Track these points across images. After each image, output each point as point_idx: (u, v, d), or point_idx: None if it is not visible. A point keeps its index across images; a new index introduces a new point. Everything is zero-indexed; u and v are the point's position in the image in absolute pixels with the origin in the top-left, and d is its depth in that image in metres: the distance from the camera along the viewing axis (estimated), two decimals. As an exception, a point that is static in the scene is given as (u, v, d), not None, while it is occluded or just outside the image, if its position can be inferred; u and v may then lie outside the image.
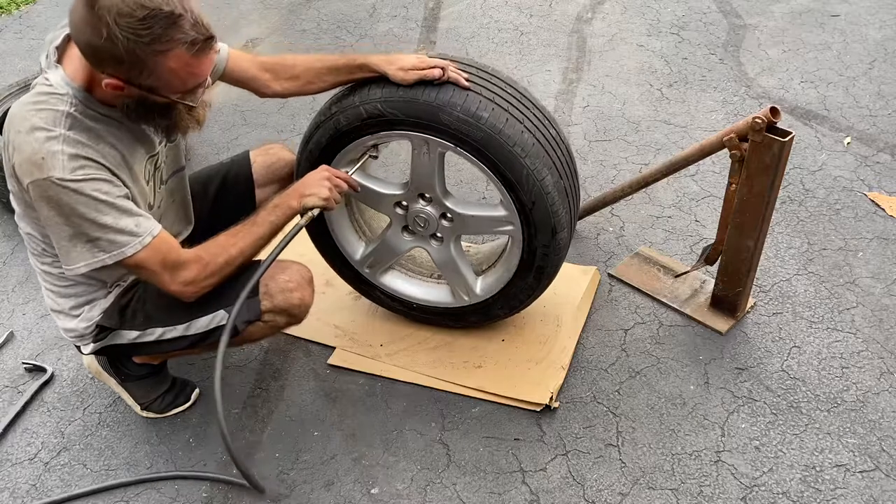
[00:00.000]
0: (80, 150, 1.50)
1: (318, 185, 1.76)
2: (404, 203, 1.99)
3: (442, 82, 1.74)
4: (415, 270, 2.24)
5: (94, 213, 1.51)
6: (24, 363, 2.25)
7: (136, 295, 1.82)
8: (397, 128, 1.80)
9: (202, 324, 1.77)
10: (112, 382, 2.03)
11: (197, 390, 2.10)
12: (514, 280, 2.00)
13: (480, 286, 2.09)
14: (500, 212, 1.89)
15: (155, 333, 1.80)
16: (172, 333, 1.80)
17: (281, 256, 1.75)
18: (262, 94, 1.93)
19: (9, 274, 2.61)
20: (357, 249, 2.15)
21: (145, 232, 1.57)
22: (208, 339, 1.79)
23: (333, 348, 2.21)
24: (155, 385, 2.05)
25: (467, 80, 1.76)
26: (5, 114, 1.63)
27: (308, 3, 4.41)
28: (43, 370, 2.22)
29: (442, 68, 1.73)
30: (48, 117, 1.49)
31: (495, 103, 1.76)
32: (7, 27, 4.38)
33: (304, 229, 1.78)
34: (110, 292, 1.81)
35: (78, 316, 1.80)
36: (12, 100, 2.96)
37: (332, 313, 2.32)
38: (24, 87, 3.00)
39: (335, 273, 2.24)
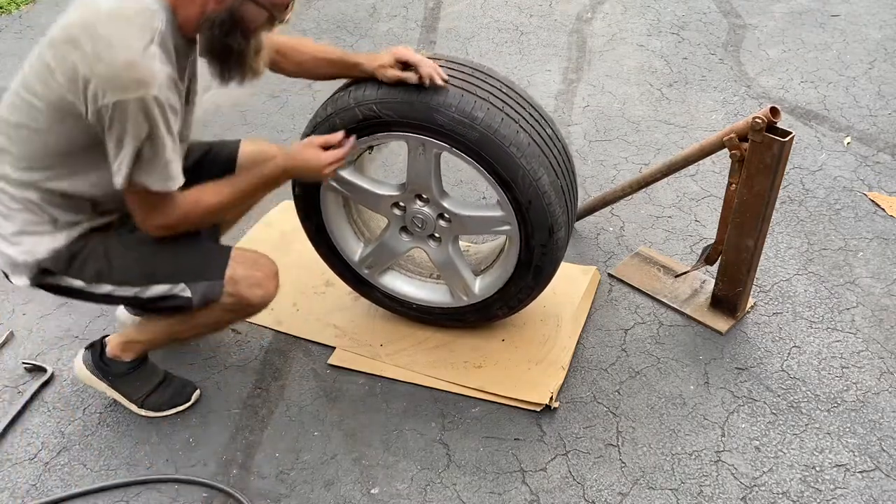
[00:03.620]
0: (170, 73, 1.49)
1: (315, 162, 1.77)
2: (402, 204, 1.99)
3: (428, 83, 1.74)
4: (414, 271, 2.24)
5: (166, 139, 1.51)
6: (24, 363, 2.24)
7: (92, 246, 1.75)
8: (393, 129, 1.81)
9: (158, 290, 1.75)
10: (103, 387, 2.03)
11: (198, 391, 2.10)
12: (513, 280, 2.00)
13: (479, 286, 2.09)
14: (497, 212, 1.89)
15: (104, 289, 1.75)
16: (123, 293, 1.76)
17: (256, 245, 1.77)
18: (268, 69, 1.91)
19: (9, 274, 2.61)
20: (356, 250, 2.15)
21: (178, 175, 1.59)
22: (158, 304, 1.77)
23: (333, 348, 2.21)
24: (143, 379, 2.03)
25: (463, 79, 1.76)
26: None
27: (308, 3, 4.41)
28: (43, 370, 2.21)
29: (421, 75, 1.74)
30: (144, 33, 1.45)
31: (490, 103, 1.76)
32: (7, 27, 4.38)
33: (303, 232, 1.79)
34: (58, 232, 1.71)
35: (17, 245, 1.70)
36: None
37: (332, 313, 2.32)
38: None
39: (335, 274, 2.24)
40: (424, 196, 1.96)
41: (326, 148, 1.79)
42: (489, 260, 2.15)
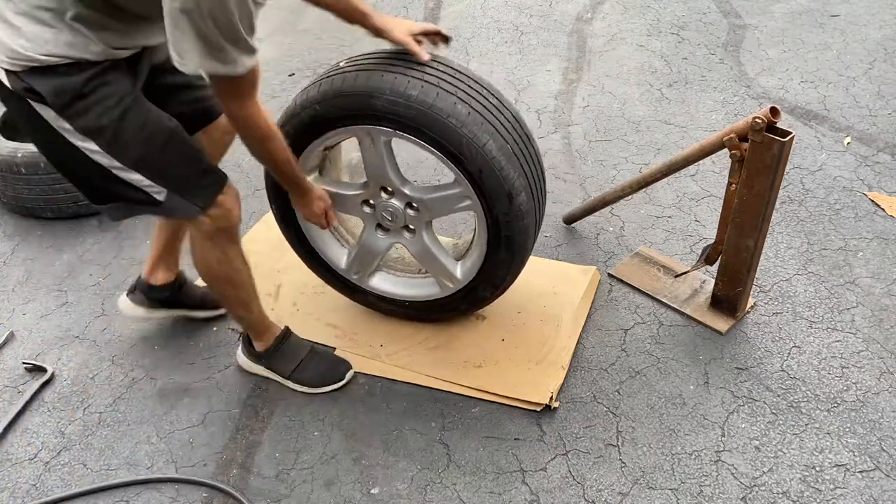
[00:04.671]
0: None
1: (316, 217, 1.95)
2: (371, 201, 2.04)
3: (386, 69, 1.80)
4: (402, 269, 2.26)
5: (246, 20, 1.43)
6: (24, 363, 2.25)
7: (109, 103, 1.60)
8: (338, 125, 1.85)
9: (136, 179, 1.69)
10: (260, 370, 2.13)
11: (352, 371, 2.12)
12: (489, 257, 1.99)
13: (461, 271, 2.09)
14: (455, 188, 1.90)
15: (89, 146, 1.63)
16: (102, 160, 1.65)
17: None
18: None
19: (9, 274, 2.61)
20: (341, 258, 2.19)
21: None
22: (123, 191, 1.71)
23: (333, 348, 2.21)
24: (289, 354, 2.10)
25: (396, 65, 1.82)
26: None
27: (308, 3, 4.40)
28: (43, 370, 2.21)
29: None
30: None
31: (424, 81, 1.78)
32: (7, 27, 4.37)
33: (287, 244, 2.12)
34: (65, 32, 1.52)
35: (23, 34, 1.51)
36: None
37: (332, 313, 2.32)
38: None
39: (325, 283, 2.27)
40: (389, 188, 1.99)
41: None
42: (467, 245, 2.16)
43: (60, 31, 1.51)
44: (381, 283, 2.22)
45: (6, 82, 1.57)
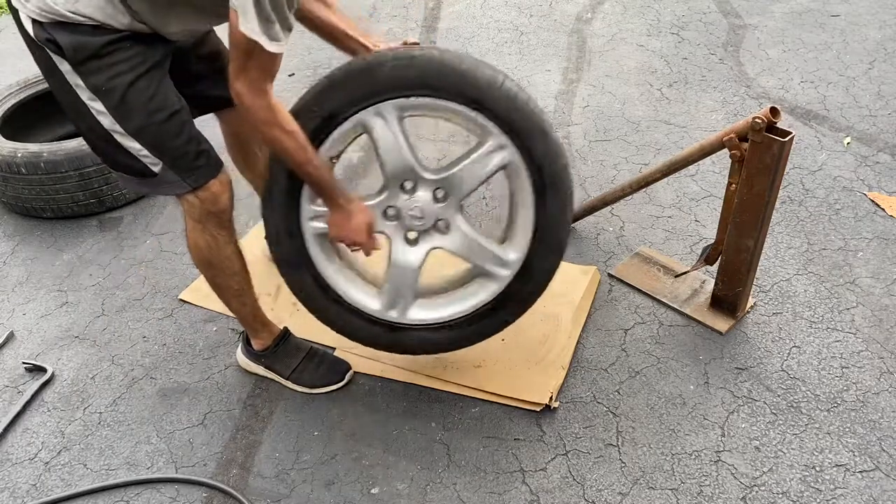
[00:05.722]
0: None
1: (356, 234, 1.81)
2: (391, 209, 1.86)
3: None
4: (446, 290, 2.01)
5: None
6: (24, 363, 2.25)
7: (122, 68, 1.64)
8: (340, 118, 1.74)
9: (135, 147, 1.71)
10: (260, 370, 2.14)
11: (351, 371, 2.12)
12: (539, 213, 1.79)
13: (510, 250, 1.87)
14: (485, 145, 1.76)
15: (96, 106, 1.66)
16: (106, 121, 1.67)
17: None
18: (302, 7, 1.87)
19: (9, 274, 2.61)
20: (373, 298, 1.95)
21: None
22: (119, 157, 1.73)
23: (333, 349, 2.21)
24: (288, 354, 2.11)
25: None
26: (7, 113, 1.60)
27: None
28: (43, 370, 2.22)
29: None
30: None
31: (421, 48, 1.74)
32: (7, 27, 4.38)
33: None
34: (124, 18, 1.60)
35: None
36: (12, 100, 2.97)
37: (332, 313, 2.32)
38: (25, 87, 3.00)
39: (354, 341, 2.05)
40: (407, 183, 1.82)
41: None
42: (502, 228, 1.94)
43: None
44: (424, 311, 1.95)
45: (30, 31, 1.61)
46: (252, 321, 2.07)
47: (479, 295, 1.93)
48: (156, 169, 1.74)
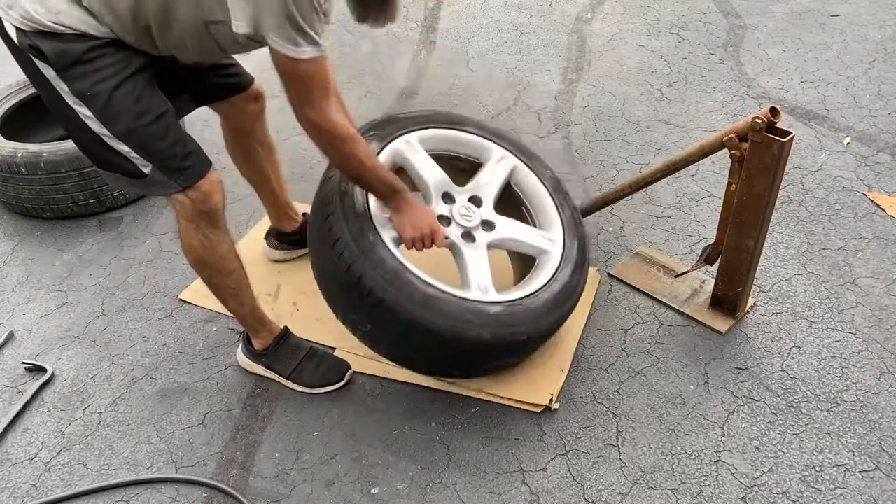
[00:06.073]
0: None
1: (422, 231, 1.89)
2: (442, 218, 2.03)
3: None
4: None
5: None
6: (24, 363, 2.25)
7: (107, 73, 1.65)
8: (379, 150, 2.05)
9: (124, 149, 1.72)
10: (260, 369, 2.13)
11: (351, 371, 2.11)
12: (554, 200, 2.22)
13: (551, 233, 2.14)
14: (494, 156, 2.22)
15: (83, 110, 1.68)
16: (94, 125, 1.70)
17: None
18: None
19: (9, 274, 2.61)
20: (464, 289, 1.96)
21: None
22: (110, 158, 1.75)
23: (333, 348, 2.21)
24: (288, 355, 2.11)
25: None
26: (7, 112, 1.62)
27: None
28: (43, 370, 2.22)
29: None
30: None
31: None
32: (7, 27, 4.37)
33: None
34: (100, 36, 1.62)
35: (41, 0, 1.58)
36: (12, 100, 2.97)
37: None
38: (25, 87, 3.00)
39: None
40: (447, 195, 2.09)
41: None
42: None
43: (74, 7, 1.59)
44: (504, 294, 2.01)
45: (14, 38, 1.64)
46: (251, 321, 2.07)
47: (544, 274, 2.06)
48: (146, 170, 1.76)
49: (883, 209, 2.62)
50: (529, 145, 2.16)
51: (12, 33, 1.63)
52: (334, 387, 2.09)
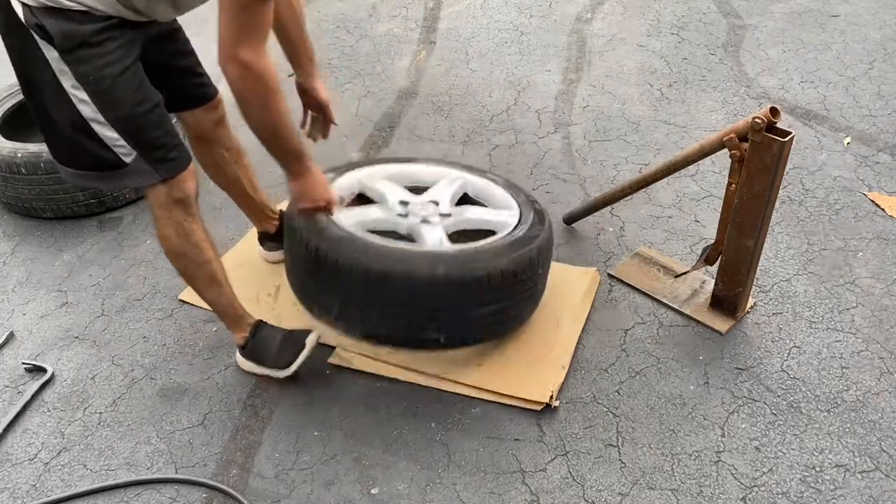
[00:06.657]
0: None
1: (316, 196, 1.90)
2: (402, 204, 2.17)
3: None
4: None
5: None
6: (24, 363, 2.24)
7: (113, 58, 1.66)
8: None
9: (110, 136, 1.71)
10: (255, 367, 2.14)
11: (313, 334, 2.09)
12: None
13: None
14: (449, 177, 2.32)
15: (79, 94, 1.66)
16: (86, 109, 1.68)
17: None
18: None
19: (9, 274, 2.61)
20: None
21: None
22: (93, 147, 1.73)
23: (333, 348, 2.21)
24: (267, 344, 2.10)
25: None
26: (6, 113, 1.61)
27: (308, 3, 4.41)
28: (43, 370, 2.21)
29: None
30: None
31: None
32: (7, 27, 4.37)
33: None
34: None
35: None
36: (12, 100, 2.97)
37: (332, 313, 2.32)
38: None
39: None
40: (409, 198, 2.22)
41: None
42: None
43: None
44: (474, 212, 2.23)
45: (21, 15, 1.61)
46: (231, 312, 2.08)
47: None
48: (127, 159, 1.75)
49: (883, 209, 2.62)
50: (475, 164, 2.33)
51: (19, 10, 1.60)
52: (302, 355, 2.06)
